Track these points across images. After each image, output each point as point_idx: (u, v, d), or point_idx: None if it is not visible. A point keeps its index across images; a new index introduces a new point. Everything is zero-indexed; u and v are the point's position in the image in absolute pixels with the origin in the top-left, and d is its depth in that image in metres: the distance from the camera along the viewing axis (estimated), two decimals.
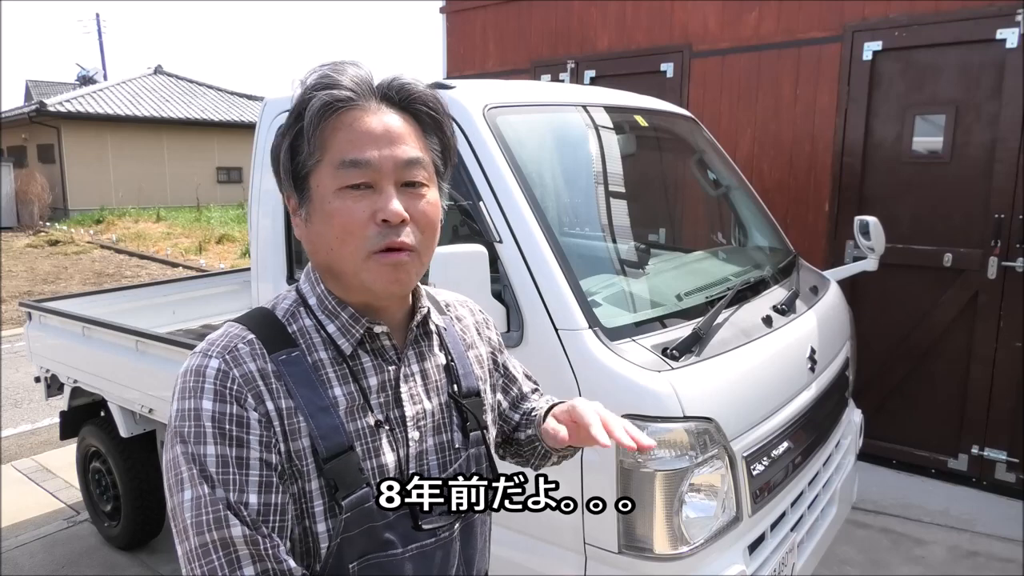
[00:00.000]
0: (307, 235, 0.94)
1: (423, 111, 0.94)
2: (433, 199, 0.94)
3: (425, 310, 1.02)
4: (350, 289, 0.94)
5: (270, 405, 0.87)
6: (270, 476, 0.85)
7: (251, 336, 0.91)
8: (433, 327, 1.04)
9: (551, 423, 1.04)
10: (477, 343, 1.14)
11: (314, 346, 0.94)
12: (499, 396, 1.20)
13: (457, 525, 1.00)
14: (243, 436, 0.85)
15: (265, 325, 0.94)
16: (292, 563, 0.85)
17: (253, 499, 0.84)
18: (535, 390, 1.27)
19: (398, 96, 0.92)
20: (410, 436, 0.97)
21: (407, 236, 0.89)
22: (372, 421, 0.94)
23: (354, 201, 0.88)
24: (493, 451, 1.09)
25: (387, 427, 0.95)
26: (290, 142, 0.91)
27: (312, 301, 0.96)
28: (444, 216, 0.98)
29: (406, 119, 0.93)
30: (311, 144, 0.89)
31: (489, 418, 1.11)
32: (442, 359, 1.05)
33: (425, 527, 0.95)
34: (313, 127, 0.89)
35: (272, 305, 0.98)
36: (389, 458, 0.94)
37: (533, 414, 1.20)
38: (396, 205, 0.88)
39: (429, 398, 1.00)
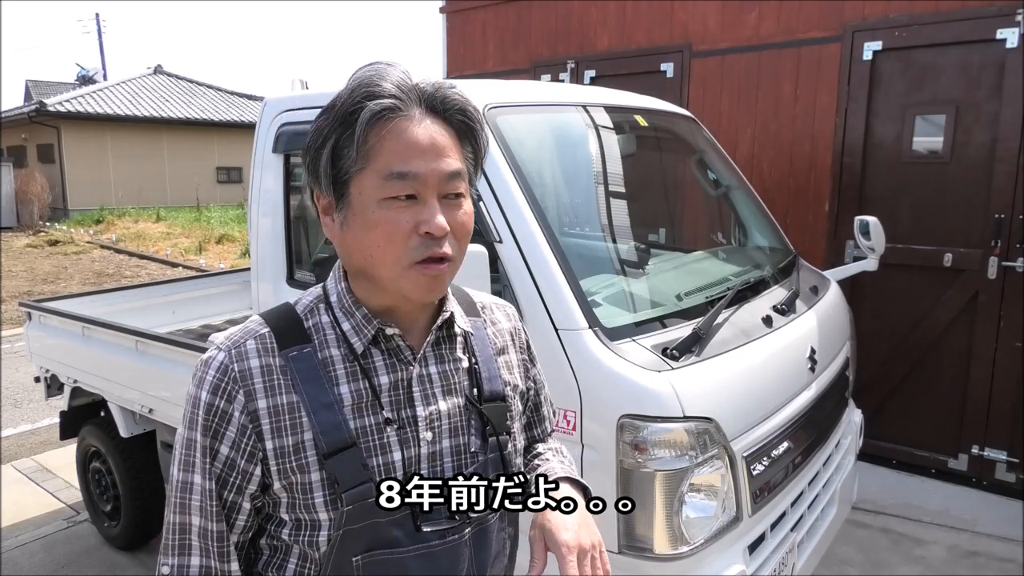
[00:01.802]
0: (342, 238, 0.94)
1: (460, 120, 0.95)
2: (469, 209, 0.96)
3: (448, 314, 1.02)
4: (384, 291, 0.95)
5: (263, 403, 0.92)
6: (228, 474, 0.93)
7: (265, 330, 0.96)
8: (459, 331, 1.05)
9: (536, 544, 1.00)
10: (510, 349, 1.14)
11: (327, 342, 0.97)
12: (522, 418, 1.18)
13: (468, 529, 1.00)
14: (220, 430, 0.92)
15: (283, 320, 0.98)
16: (235, 566, 0.95)
17: (216, 488, 0.93)
18: (549, 435, 1.27)
19: (441, 106, 0.93)
20: (422, 436, 0.97)
21: (448, 247, 0.91)
22: (380, 419, 0.95)
23: (398, 212, 0.89)
24: (516, 458, 1.08)
25: (396, 425, 0.96)
26: (333, 146, 0.91)
27: (333, 298, 0.99)
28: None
29: (446, 128, 0.94)
30: (359, 152, 0.89)
31: (516, 426, 1.10)
32: (465, 362, 1.05)
33: (426, 529, 0.95)
34: (363, 136, 0.89)
35: (297, 300, 1.02)
36: (396, 456, 0.95)
37: (536, 461, 1.19)
38: (441, 220, 0.90)
39: (446, 400, 1.01)
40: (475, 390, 1.04)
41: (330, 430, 0.92)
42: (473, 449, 1.02)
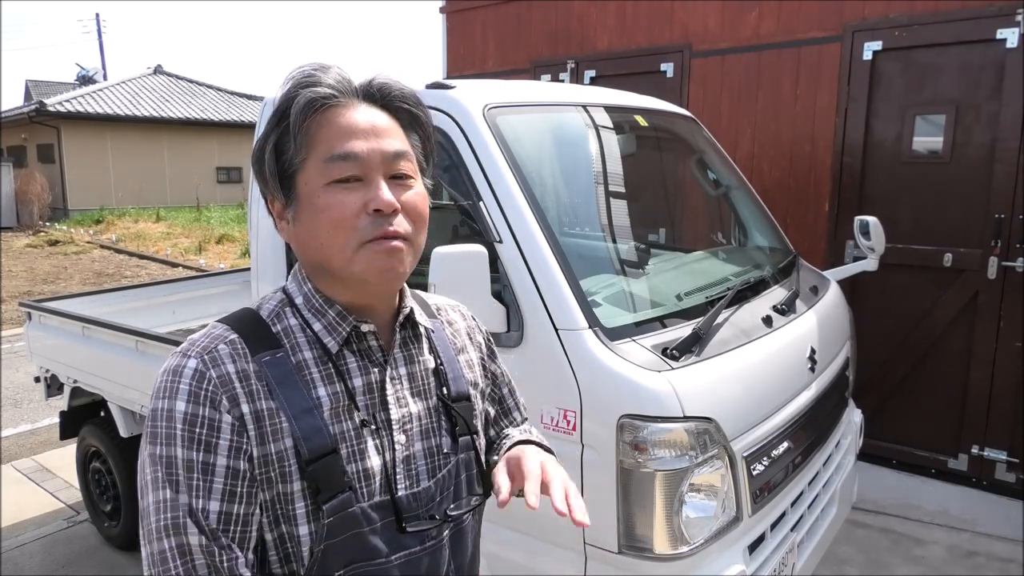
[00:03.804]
0: (296, 235, 0.93)
1: (403, 108, 0.95)
2: (421, 190, 0.94)
3: (408, 309, 1.01)
4: (342, 284, 0.93)
5: (246, 408, 0.86)
6: (235, 485, 0.84)
7: (234, 336, 0.91)
8: (422, 329, 1.04)
9: (500, 474, 0.98)
10: (468, 348, 1.13)
11: (299, 346, 0.93)
12: (487, 406, 1.18)
13: (446, 532, 0.99)
14: (212, 440, 0.84)
15: (249, 325, 0.93)
16: None
17: (215, 506, 0.83)
18: (524, 420, 1.26)
19: (379, 95, 0.93)
20: (396, 440, 0.96)
21: (399, 225, 0.90)
22: (357, 422, 0.93)
23: (345, 193, 0.88)
24: (483, 457, 1.08)
25: (372, 428, 0.94)
26: (275, 142, 0.91)
27: (299, 300, 0.96)
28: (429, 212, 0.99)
29: (389, 116, 0.94)
30: (297, 141, 0.89)
31: (480, 424, 1.10)
32: (431, 362, 1.04)
33: (410, 530, 0.94)
34: (299, 124, 0.88)
35: (257, 305, 0.98)
36: (375, 461, 0.93)
37: (504, 440, 1.18)
38: (388, 195, 0.88)
39: (416, 401, 0.99)
40: (444, 390, 1.03)
41: (312, 435, 0.88)
42: (445, 450, 1.01)
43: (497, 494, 0.93)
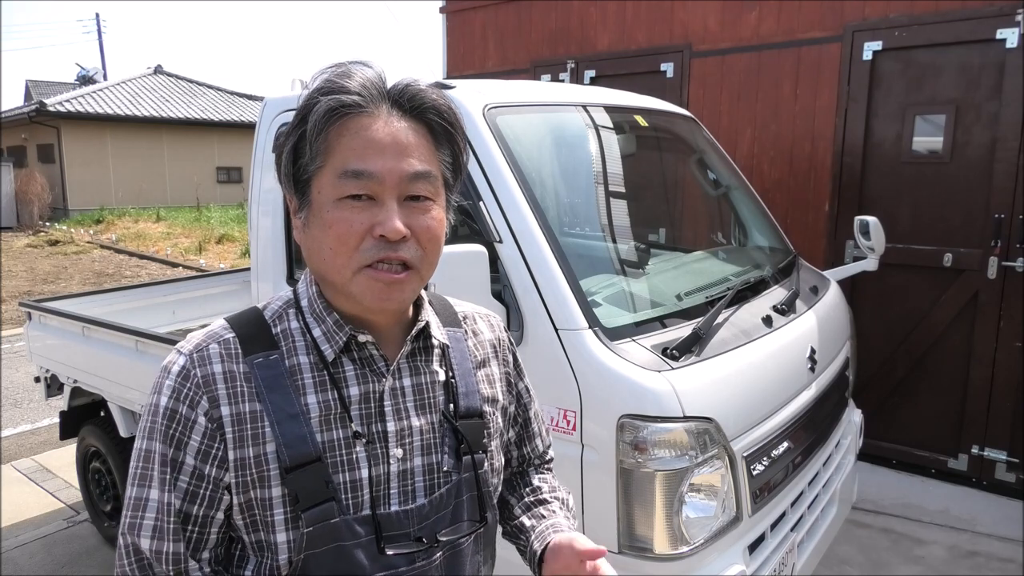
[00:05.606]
0: (305, 239, 0.91)
1: (435, 121, 0.90)
2: (437, 215, 0.90)
3: (423, 324, 0.97)
4: (343, 298, 0.91)
5: (227, 410, 0.86)
6: (197, 487, 0.87)
7: (230, 335, 0.91)
8: (435, 342, 0.99)
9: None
10: (491, 361, 1.08)
11: (296, 349, 0.91)
12: (509, 427, 1.13)
13: (439, 554, 0.94)
14: (184, 439, 0.86)
15: (249, 325, 0.93)
16: None
17: (177, 503, 0.86)
18: (546, 458, 1.23)
19: (410, 104, 0.88)
20: (392, 453, 0.92)
21: (406, 252, 0.86)
22: (349, 432, 0.90)
23: (353, 212, 0.85)
24: (492, 478, 1.03)
25: (364, 440, 0.91)
26: (293, 145, 0.88)
27: (304, 302, 0.94)
28: (449, 229, 0.95)
29: (416, 128, 0.89)
30: (313, 149, 0.86)
31: (494, 443, 1.04)
32: (441, 375, 0.99)
33: (390, 552, 0.90)
34: (316, 132, 0.85)
35: (265, 304, 0.97)
36: (364, 473, 0.90)
37: (542, 509, 1.14)
38: (396, 222, 0.84)
39: (419, 415, 0.95)
40: (451, 405, 0.99)
41: (294, 442, 0.86)
42: (446, 468, 0.96)
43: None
